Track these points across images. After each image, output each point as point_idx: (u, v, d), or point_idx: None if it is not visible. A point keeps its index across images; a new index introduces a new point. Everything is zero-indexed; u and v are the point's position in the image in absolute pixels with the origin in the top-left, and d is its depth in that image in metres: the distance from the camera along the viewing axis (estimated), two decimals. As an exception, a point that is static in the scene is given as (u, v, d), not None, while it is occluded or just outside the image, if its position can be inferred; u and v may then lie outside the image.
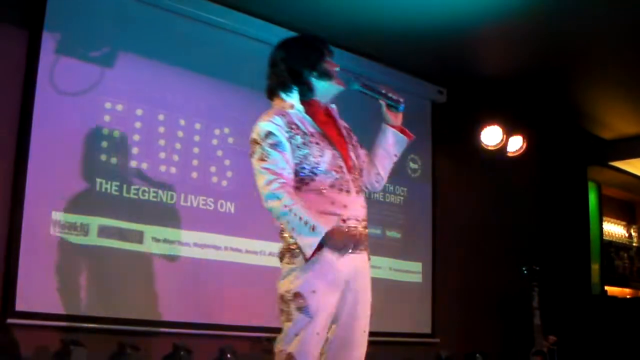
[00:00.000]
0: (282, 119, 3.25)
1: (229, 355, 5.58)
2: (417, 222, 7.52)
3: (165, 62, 5.84)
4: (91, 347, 4.97)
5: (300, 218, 3.07)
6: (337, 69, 3.43)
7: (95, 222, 5.30)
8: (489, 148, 7.72)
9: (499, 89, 7.70)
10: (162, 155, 5.75)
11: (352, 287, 3.26)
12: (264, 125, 3.23)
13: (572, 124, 8.88)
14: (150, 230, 5.59)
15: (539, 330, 7.24)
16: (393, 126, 3.55)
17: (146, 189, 5.61)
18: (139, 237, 5.53)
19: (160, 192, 5.67)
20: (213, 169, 6.02)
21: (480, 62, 7.25)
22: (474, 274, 7.96)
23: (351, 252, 3.24)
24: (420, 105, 7.64)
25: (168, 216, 5.71)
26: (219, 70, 6.16)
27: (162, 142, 5.76)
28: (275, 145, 3.19)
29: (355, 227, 3.31)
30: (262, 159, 3.19)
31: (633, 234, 11.65)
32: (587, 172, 9.77)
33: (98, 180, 5.37)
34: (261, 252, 6.10)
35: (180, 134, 5.87)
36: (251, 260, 6.08)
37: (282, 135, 3.22)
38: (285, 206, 3.09)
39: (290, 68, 3.36)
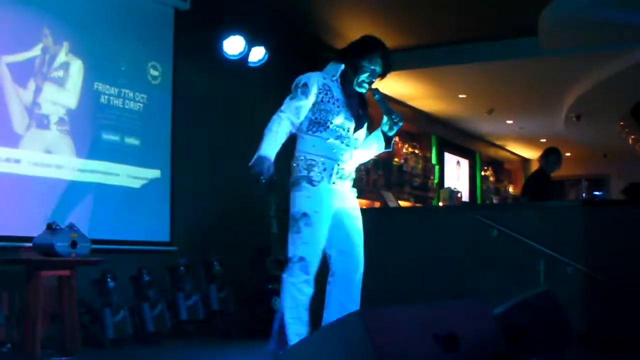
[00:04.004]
0: (321, 79, 4.76)
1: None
2: (157, 129, 8.03)
3: None
4: None
5: (263, 139, 4.61)
6: (370, 79, 4.84)
7: None
8: (231, 57, 8.48)
9: (243, -1, 8.43)
10: None
11: (342, 214, 4.76)
12: (306, 75, 4.76)
13: (311, 35, 9.82)
14: None
15: (276, 238, 7.85)
16: (386, 136, 4.86)
17: None
18: None
19: None
20: None
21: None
22: (213, 182, 8.67)
23: (341, 188, 4.76)
24: (162, 11, 8.15)
25: None
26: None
27: None
28: (302, 93, 4.69)
29: (347, 171, 4.78)
30: (289, 98, 4.72)
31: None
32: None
33: None
34: (7, 159, 6.46)
35: None
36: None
37: (313, 88, 4.70)
38: (268, 129, 4.66)
39: (349, 54, 4.87)
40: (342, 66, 4.83)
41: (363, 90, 4.88)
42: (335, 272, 4.76)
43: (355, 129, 4.82)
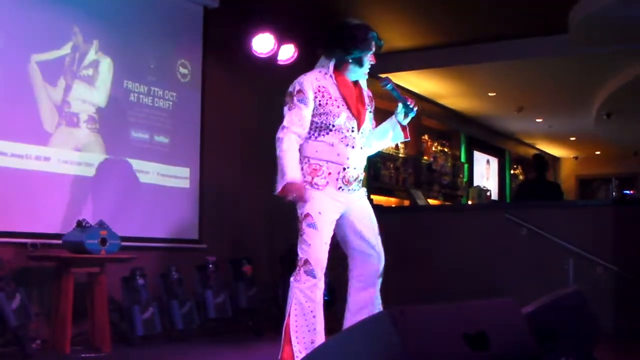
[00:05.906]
0: (315, 81, 4.59)
1: (-8, 263, 5.85)
2: (186, 128, 8.03)
3: None
4: None
5: (281, 164, 4.45)
6: (372, 62, 4.68)
7: None
8: (260, 55, 8.48)
9: (272, -3, 8.41)
10: None
11: (351, 215, 4.65)
12: (299, 80, 4.59)
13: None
14: None
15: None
16: (401, 125, 4.75)
17: None
18: None
19: None
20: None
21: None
22: (241, 181, 8.66)
23: (347, 191, 4.60)
24: (192, 9, 8.16)
25: None
26: None
27: None
28: (300, 100, 4.54)
29: (354, 174, 4.62)
30: (288, 108, 4.58)
31: (400, 145, 12.89)
32: (357, 82, 10.66)
33: None
34: (27, 155, 6.45)
35: None
36: (14, 163, 6.37)
37: (310, 93, 4.54)
38: (280, 150, 4.48)
39: (339, 43, 4.61)
40: (333, 60, 4.65)
41: (366, 77, 4.76)
42: (355, 273, 4.69)
43: (360, 126, 4.65)
